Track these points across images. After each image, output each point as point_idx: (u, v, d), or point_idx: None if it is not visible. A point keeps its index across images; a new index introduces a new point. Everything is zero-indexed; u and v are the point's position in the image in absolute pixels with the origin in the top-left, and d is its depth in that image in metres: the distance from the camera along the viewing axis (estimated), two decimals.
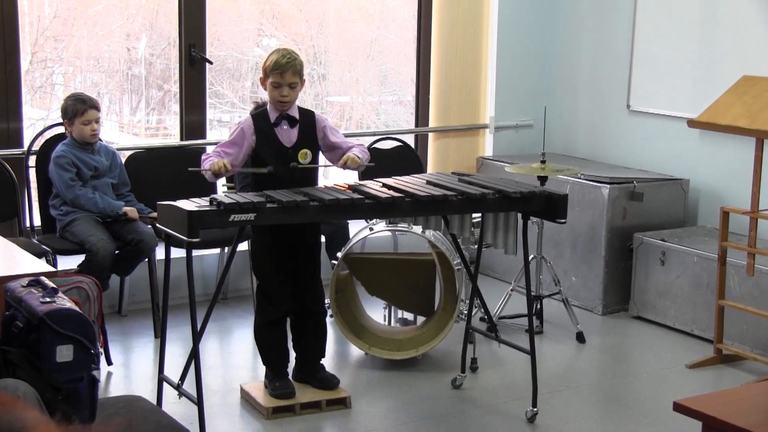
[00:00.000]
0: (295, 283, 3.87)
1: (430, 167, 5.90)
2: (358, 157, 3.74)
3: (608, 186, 5.09)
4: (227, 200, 3.34)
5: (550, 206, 3.76)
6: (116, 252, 4.41)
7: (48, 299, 2.55)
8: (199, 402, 3.42)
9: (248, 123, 3.76)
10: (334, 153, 3.84)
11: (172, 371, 3.73)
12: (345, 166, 3.75)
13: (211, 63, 5.28)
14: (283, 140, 3.76)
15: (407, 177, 3.90)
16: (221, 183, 5.04)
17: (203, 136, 5.30)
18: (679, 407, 2.55)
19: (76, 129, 4.46)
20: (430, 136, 5.98)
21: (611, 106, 5.76)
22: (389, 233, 4.65)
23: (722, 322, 4.46)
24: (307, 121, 3.82)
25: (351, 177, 4.85)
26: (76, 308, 2.59)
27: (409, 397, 4.02)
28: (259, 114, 3.81)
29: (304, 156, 3.74)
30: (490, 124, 6.02)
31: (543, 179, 4.53)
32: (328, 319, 4.08)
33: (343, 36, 6.39)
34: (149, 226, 4.52)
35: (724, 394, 3.05)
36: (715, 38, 5.15)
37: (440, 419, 3.83)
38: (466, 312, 4.35)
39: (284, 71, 3.69)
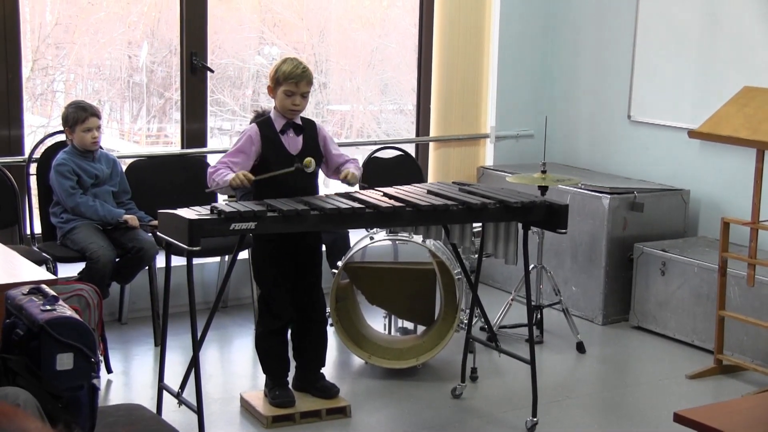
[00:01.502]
0: (297, 292, 3.87)
1: (431, 176, 5.90)
2: (357, 174, 3.78)
3: (609, 196, 5.09)
4: (228, 209, 3.34)
5: (551, 216, 3.76)
6: (116, 260, 4.41)
7: (48, 307, 2.55)
8: (199, 410, 3.42)
9: (254, 130, 3.77)
10: (329, 165, 3.87)
11: (172, 379, 3.72)
12: (345, 181, 3.77)
13: (212, 71, 5.29)
14: (289, 148, 3.77)
15: (408, 186, 3.90)
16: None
17: (204, 144, 5.30)
18: (679, 418, 2.54)
19: (77, 136, 4.46)
20: (431, 145, 5.99)
21: (612, 116, 5.77)
22: (390, 242, 4.65)
23: (722, 333, 4.46)
24: (310, 129, 3.84)
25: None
26: (77, 316, 2.59)
27: (409, 407, 4.01)
28: (264, 122, 3.82)
29: (309, 164, 3.76)
30: (491, 134, 6.03)
31: (543, 189, 4.53)
32: (329, 328, 4.08)
33: (344, 44, 6.40)
34: (150, 234, 4.52)
35: (725, 405, 3.04)
36: (716, 49, 5.16)
37: (440, 429, 3.82)
38: (466, 321, 4.35)
39: (299, 81, 3.72)
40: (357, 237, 4.52)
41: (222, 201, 4.90)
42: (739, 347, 4.56)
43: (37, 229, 4.65)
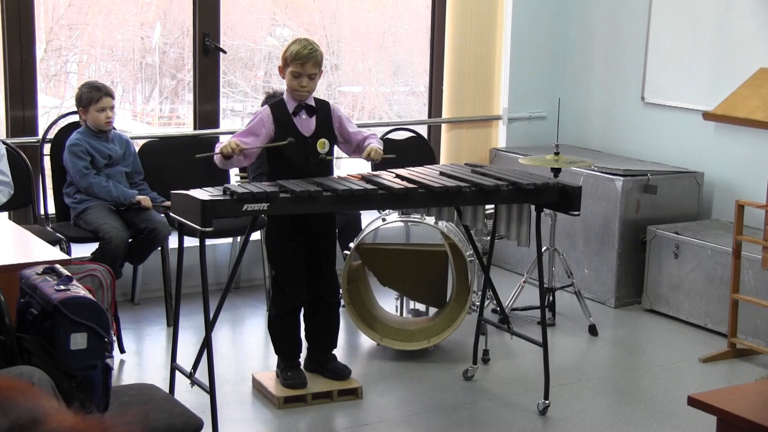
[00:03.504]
0: (310, 273, 3.87)
1: (443, 158, 5.88)
2: (380, 149, 3.75)
3: (622, 178, 5.07)
4: (240, 190, 3.35)
5: (564, 198, 3.75)
6: (129, 240, 4.42)
7: (62, 287, 2.56)
8: (211, 391, 3.43)
9: (267, 112, 3.75)
10: (349, 144, 3.85)
11: (185, 360, 3.74)
12: (369, 158, 3.76)
13: (224, 52, 5.28)
14: (302, 129, 3.76)
15: (420, 168, 3.89)
16: (234, 173, 5.04)
17: (216, 126, 5.30)
18: (693, 401, 2.53)
19: (91, 116, 4.47)
20: (444, 127, 5.97)
21: (625, 98, 5.73)
22: (402, 224, 4.65)
23: (736, 316, 4.44)
24: (324, 110, 3.82)
25: (365, 167, 4.85)
26: (90, 296, 2.60)
27: (421, 388, 4.02)
28: (276, 104, 3.81)
29: (323, 145, 3.75)
30: (503, 116, 6.00)
31: (556, 171, 4.51)
32: (340, 310, 4.08)
33: (356, 26, 6.37)
34: (162, 215, 4.53)
35: (739, 389, 3.04)
36: (731, 30, 5.11)
37: (452, 410, 3.83)
38: (478, 303, 4.35)
39: (305, 62, 3.69)
40: (369, 218, 4.51)
41: (234, 182, 4.90)
42: (753, 331, 4.54)
43: (51, 209, 4.67)
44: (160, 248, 4.61)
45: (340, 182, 3.54)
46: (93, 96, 4.45)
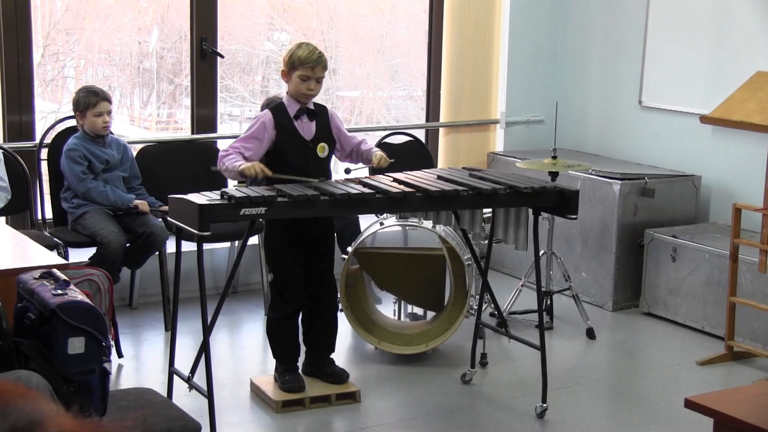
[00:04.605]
0: (309, 278, 3.87)
1: (441, 162, 5.89)
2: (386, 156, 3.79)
3: (619, 182, 5.07)
4: (238, 194, 3.35)
5: (561, 202, 3.75)
6: (127, 245, 4.42)
7: (60, 291, 2.56)
8: (209, 395, 3.43)
9: (268, 116, 3.76)
10: (344, 150, 3.88)
11: (183, 364, 3.74)
12: (378, 165, 3.78)
13: (222, 57, 5.28)
14: (303, 133, 3.77)
15: (418, 172, 3.89)
16: None
17: (214, 130, 5.30)
18: (690, 404, 2.54)
19: (88, 121, 4.47)
20: (441, 131, 5.98)
21: (623, 102, 5.74)
22: (400, 228, 4.65)
23: (733, 319, 4.45)
24: (323, 115, 3.84)
25: (362, 172, 4.85)
26: (88, 301, 2.60)
27: (419, 392, 4.02)
28: (277, 107, 3.81)
29: (323, 149, 3.76)
30: (501, 120, 6.01)
31: (554, 175, 4.52)
32: (338, 313, 4.08)
33: (353, 30, 6.38)
34: (160, 220, 4.53)
35: (736, 392, 3.04)
36: (728, 33, 5.12)
37: (450, 414, 3.83)
38: (476, 307, 4.35)
39: (315, 66, 3.71)
40: (367, 222, 4.52)
41: (232, 186, 4.91)
42: (750, 334, 4.55)
43: (49, 214, 4.67)
44: (157, 253, 4.61)
45: (338, 186, 3.54)
46: (90, 101, 4.45)
